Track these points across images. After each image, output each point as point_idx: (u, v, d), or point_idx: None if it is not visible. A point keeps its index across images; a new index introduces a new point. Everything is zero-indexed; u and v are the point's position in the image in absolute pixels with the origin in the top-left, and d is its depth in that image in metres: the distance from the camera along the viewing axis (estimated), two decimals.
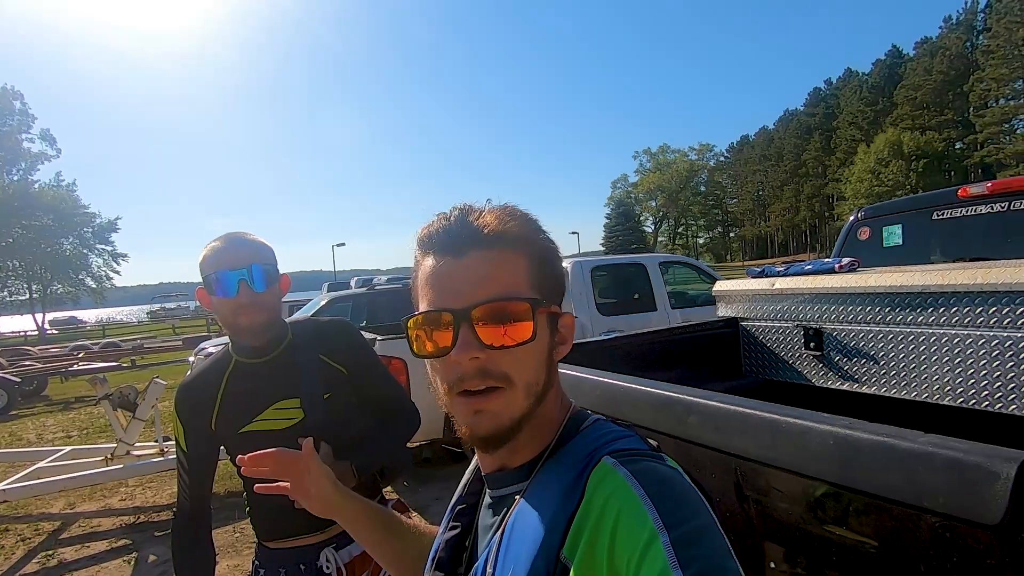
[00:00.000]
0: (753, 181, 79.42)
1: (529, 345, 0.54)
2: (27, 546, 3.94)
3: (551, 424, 0.60)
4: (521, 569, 0.52)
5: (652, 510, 0.46)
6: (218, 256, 1.22)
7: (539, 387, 0.56)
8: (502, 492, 0.61)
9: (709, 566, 0.43)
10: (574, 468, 0.54)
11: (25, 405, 10.11)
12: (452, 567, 0.65)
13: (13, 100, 39.42)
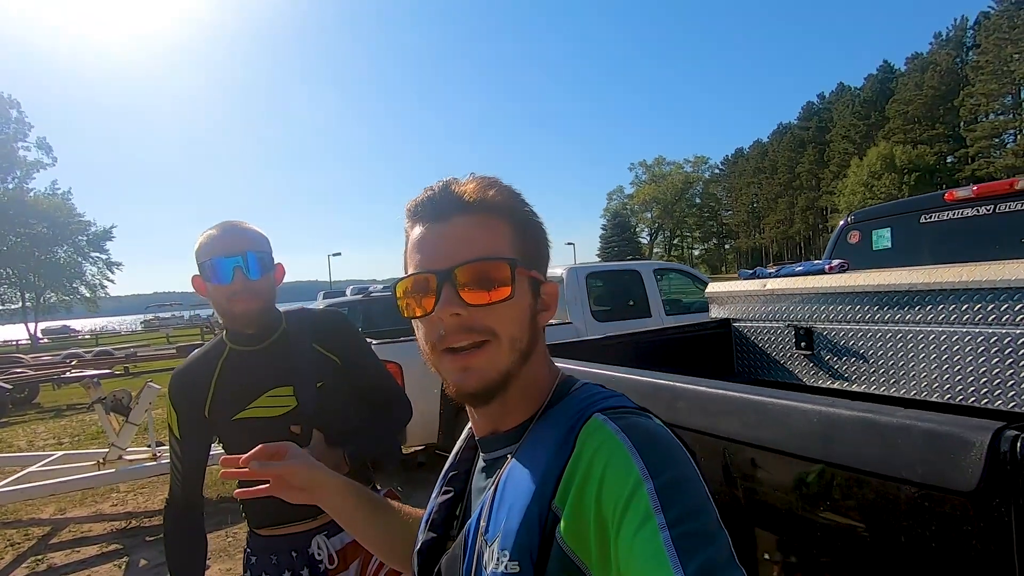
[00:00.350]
0: (748, 193, 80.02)
1: (509, 302, 0.56)
2: (16, 551, 3.90)
3: (540, 387, 0.62)
4: (514, 520, 0.53)
5: (638, 460, 0.48)
6: (214, 243, 1.24)
7: (523, 344, 0.58)
8: (495, 454, 0.63)
9: (690, 510, 0.46)
10: (565, 424, 0.56)
11: (16, 412, 10.04)
12: (445, 529, 0.66)
13: (10, 108, 39.47)
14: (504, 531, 0.54)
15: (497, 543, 0.54)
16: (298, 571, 1.33)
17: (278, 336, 1.35)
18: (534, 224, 0.63)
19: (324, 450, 1.30)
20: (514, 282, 0.56)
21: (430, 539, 0.66)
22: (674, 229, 79.36)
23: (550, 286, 0.63)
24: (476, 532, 0.58)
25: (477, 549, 0.57)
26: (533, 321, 0.60)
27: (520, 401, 0.61)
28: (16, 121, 39.81)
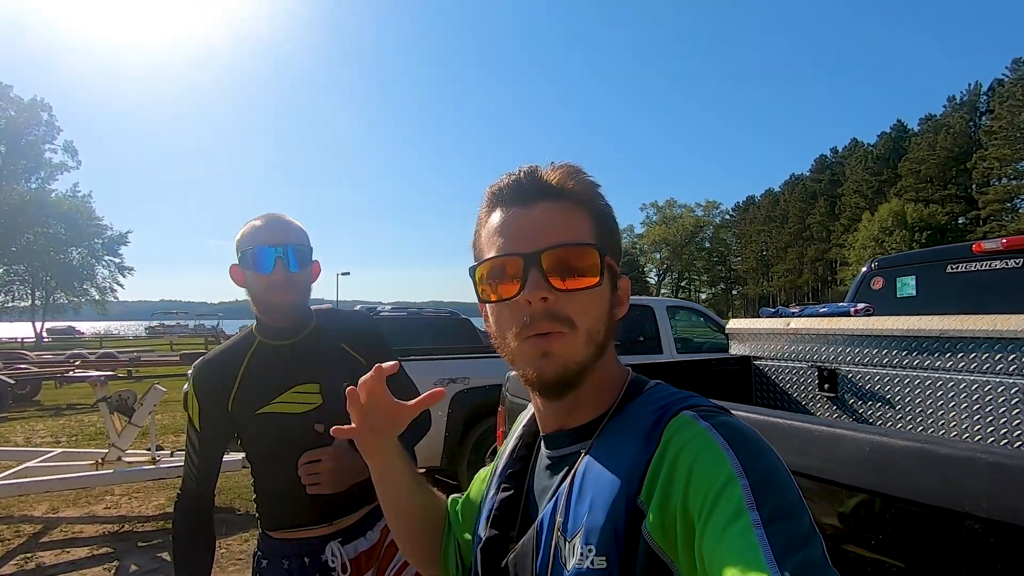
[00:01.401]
0: (757, 241, 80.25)
1: (595, 290, 0.56)
2: (5, 547, 3.82)
3: (612, 383, 0.61)
4: (599, 514, 0.52)
5: (732, 456, 0.47)
6: (257, 233, 1.25)
7: (600, 336, 0.57)
8: (564, 451, 0.61)
9: (785, 508, 0.44)
10: (648, 419, 0.55)
11: (16, 408, 9.97)
12: (506, 526, 0.64)
13: (41, 111, 40.63)
14: (587, 526, 0.52)
15: (579, 538, 0.52)
16: None
17: (308, 333, 1.35)
18: (611, 217, 0.62)
19: (347, 452, 1.27)
20: (603, 270, 0.56)
21: (493, 535, 0.64)
22: (682, 271, 79.42)
23: (624, 280, 0.62)
24: (551, 527, 0.56)
25: (554, 544, 0.55)
26: (611, 314, 0.60)
27: (591, 396, 0.60)
28: (46, 124, 40.98)
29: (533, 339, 0.55)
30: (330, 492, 1.25)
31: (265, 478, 1.35)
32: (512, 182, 0.59)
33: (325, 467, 1.24)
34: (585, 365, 0.56)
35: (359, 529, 1.36)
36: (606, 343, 0.59)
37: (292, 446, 1.27)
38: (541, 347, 0.55)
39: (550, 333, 0.55)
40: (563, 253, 0.55)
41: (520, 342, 0.56)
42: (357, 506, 1.36)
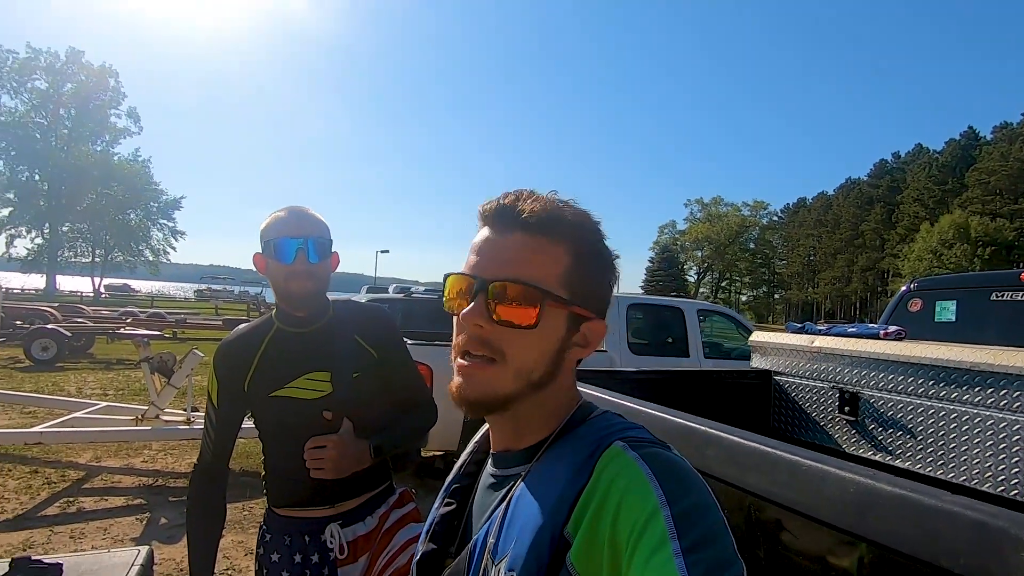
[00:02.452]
0: (805, 245, 77.44)
1: (531, 331, 0.56)
2: (51, 490, 4.11)
3: (556, 412, 0.61)
4: (525, 542, 0.53)
5: (657, 487, 0.48)
6: (281, 224, 1.30)
7: (535, 375, 0.58)
8: (507, 472, 0.62)
9: (706, 537, 0.45)
10: (584, 450, 0.56)
11: (71, 359, 10.63)
12: (445, 541, 0.66)
13: (109, 77, 42.53)
14: (513, 553, 0.53)
15: (505, 563, 0.54)
16: (309, 555, 1.36)
17: (324, 323, 1.40)
18: (596, 259, 0.61)
19: (352, 440, 1.32)
20: (541, 313, 0.56)
21: (430, 550, 0.66)
22: (724, 271, 77.42)
23: (596, 324, 0.61)
24: (483, 549, 0.58)
25: (483, 567, 0.57)
26: (559, 355, 0.59)
27: (533, 423, 0.61)
28: (112, 90, 42.94)
29: (465, 357, 0.58)
30: (332, 477, 1.30)
31: (273, 457, 1.41)
32: (496, 207, 0.59)
33: (329, 453, 1.29)
34: (509, 398, 0.57)
35: (359, 514, 1.41)
36: (547, 381, 0.59)
37: (300, 430, 1.32)
38: (467, 369, 0.57)
39: (479, 357, 0.57)
40: (510, 288, 0.56)
41: (456, 356, 0.59)
42: (358, 492, 1.41)
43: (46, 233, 40.73)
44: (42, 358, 9.80)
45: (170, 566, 3.07)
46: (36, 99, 40.29)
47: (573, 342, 0.60)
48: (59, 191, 39.58)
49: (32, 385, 7.68)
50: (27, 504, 3.83)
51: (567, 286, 0.58)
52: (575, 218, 0.59)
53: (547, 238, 0.58)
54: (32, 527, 3.50)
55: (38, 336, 9.99)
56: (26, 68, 39.67)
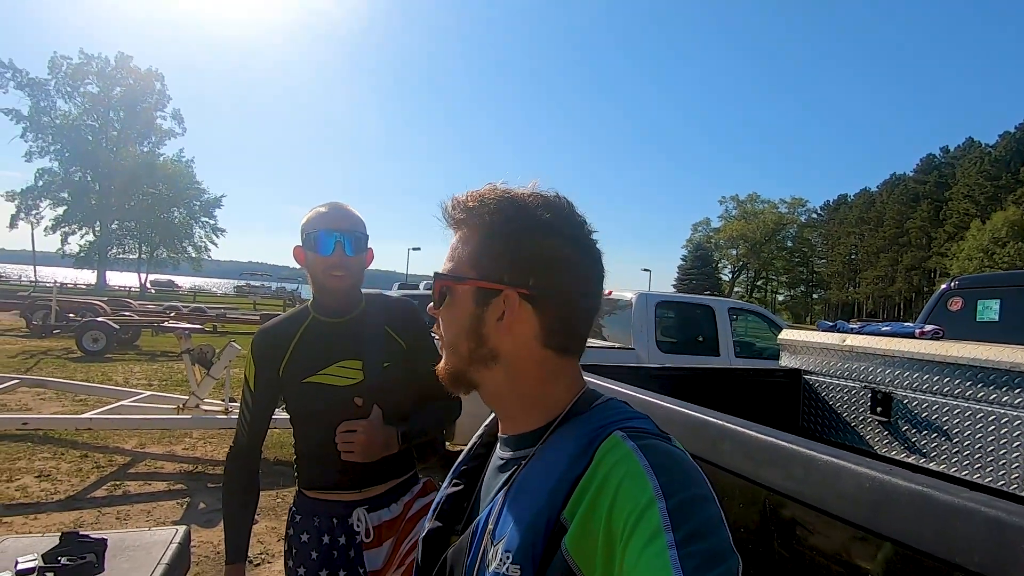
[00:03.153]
0: (846, 243, 74.91)
1: (446, 310, 0.64)
2: (100, 473, 4.34)
3: (534, 395, 0.62)
4: (522, 524, 0.55)
5: (653, 479, 0.49)
6: (321, 218, 1.36)
7: (462, 349, 0.63)
8: (512, 455, 0.64)
9: (701, 530, 0.45)
10: (585, 437, 0.57)
11: (119, 350, 11.14)
12: (451, 520, 0.69)
13: (155, 81, 44.21)
14: (510, 534, 0.55)
15: (502, 544, 0.55)
16: (336, 537, 1.41)
17: (357, 314, 1.45)
18: (503, 231, 0.61)
19: (380, 426, 1.37)
20: (443, 295, 0.64)
21: (435, 527, 0.69)
22: (759, 270, 75.53)
23: (510, 293, 0.59)
24: (484, 530, 0.60)
25: (483, 547, 0.59)
26: (474, 329, 0.61)
27: (520, 407, 0.63)
28: (158, 93, 44.58)
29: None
30: (361, 461, 1.35)
31: (304, 441, 1.47)
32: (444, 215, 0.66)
33: (359, 438, 1.34)
34: (456, 371, 0.65)
35: (385, 500, 1.46)
36: (483, 356, 0.62)
37: (331, 415, 1.37)
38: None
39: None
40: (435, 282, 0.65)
41: None
42: (384, 478, 1.46)
43: (97, 230, 42.66)
44: (92, 349, 10.30)
45: (208, 548, 3.21)
46: (88, 103, 42.19)
47: (489, 316, 0.60)
48: (109, 190, 41.41)
49: (83, 374, 8.08)
50: (78, 486, 4.05)
51: (474, 265, 0.62)
52: (490, 200, 0.61)
53: (466, 228, 0.63)
54: (82, 508, 3.70)
55: (89, 328, 10.51)
56: (79, 73, 41.58)
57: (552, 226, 0.60)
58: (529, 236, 0.60)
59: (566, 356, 0.63)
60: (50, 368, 8.55)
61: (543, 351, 0.61)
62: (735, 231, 71.10)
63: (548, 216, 0.60)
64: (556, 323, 0.61)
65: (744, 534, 1.06)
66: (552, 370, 0.62)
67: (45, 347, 10.97)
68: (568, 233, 0.61)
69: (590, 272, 0.63)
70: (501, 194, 0.62)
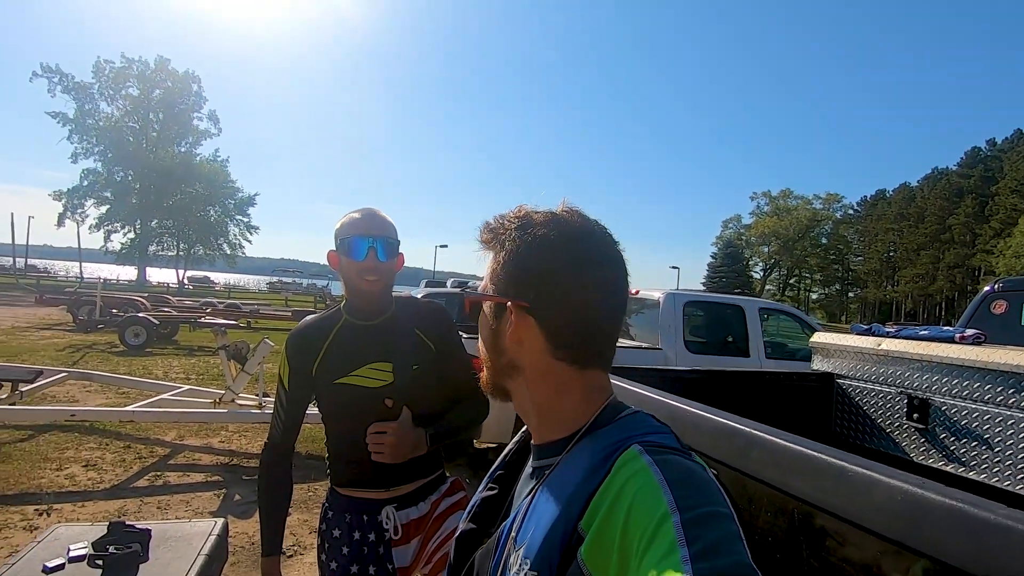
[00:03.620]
0: (884, 240, 72.48)
1: (479, 325, 0.69)
2: (142, 464, 4.52)
3: (554, 406, 0.64)
4: (540, 533, 0.56)
5: (668, 494, 0.49)
6: (355, 224, 1.40)
7: (492, 364, 0.68)
8: (541, 463, 0.66)
9: (716, 545, 0.45)
10: (604, 450, 0.58)
11: (158, 345, 11.55)
12: (484, 523, 0.71)
13: (192, 83, 45.49)
14: (530, 541, 0.57)
15: (523, 551, 0.57)
16: (366, 534, 1.45)
17: (387, 317, 1.49)
18: (513, 250, 0.64)
19: (410, 427, 1.41)
20: (473, 311, 0.69)
21: (469, 529, 0.71)
22: (792, 268, 73.69)
23: (514, 307, 0.63)
24: (508, 535, 0.62)
25: (506, 551, 0.61)
26: (495, 343, 0.67)
27: (544, 418, 0.65)
28: (195, 95, 45.86)
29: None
30: (390, 462, 1.38)
31: (336, 440, 1.51)
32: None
33: (389, 439, 1.37)
34: (492, 382, 0.69)
35: (413, 499, 1.49)
36: (505, 368, 0.67)
37: (362, 416, 1.41)
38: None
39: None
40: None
41: None
42: (412, 478, 1.49)
43: (137, 228, 44.22)
44: (134, 343, 10.71)
45: (243, 539, 3.31)
46: (129, 105, 43.67)
47: (503, 330, 0.65)
48: (148, 190, 42.82)
49: (126, 368, 8.41)
50: (121, 476, 4.23)
51: (494, 283, 0.66)
52: (508, 221, 0.66)
53: (492, 250, 0.67)
54: (126, 497, 3.87)
55: (131, 324, 10.93)
56: (121, 76, 43.07)
57: (555, 243, 0.62)
58: (531, 252, 0.63)
59: (583, 368, 0.64)
60: (95, 361, 8.92)
61: (555, 363, 0.63)
62: (767, 228, 69.53)
63: (553, 234, 0.63)
64: (563, 336, 0.62)
65: (772, 544, 1.05)
66: (564, 381, 0.63)
67: (91, 341, 11.44)
68: (572, 248, 0.63)
69: (599, 286, 0.63)
70: (517, 215, 0.66)
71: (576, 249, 0.63)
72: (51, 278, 38.04)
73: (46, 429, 5.10)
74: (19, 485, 3.91)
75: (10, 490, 3.82)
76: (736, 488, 1.12)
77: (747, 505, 1.10)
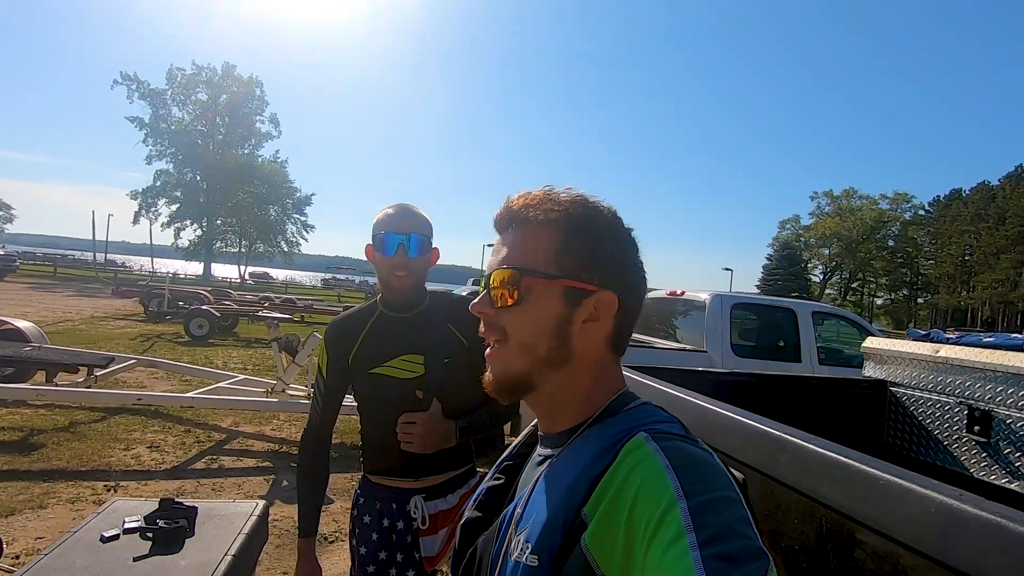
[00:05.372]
0: (959, 243, 67.73)
1: (518, 308, 0.61)
2: (200, 448, 4.79)
3: (586, 397, 0.63)
4: (541, 518, 0.57)
5: (675, 480, 0.49)
6: (388, 220, 1.44)
7: (540, 350, 0.61)
8: (547, 452, 0.66)
9: (724, 530, 0.45)
10: (611, 438, 0.58)
11: (219, 336, 12.18)
12: (490, 510, 0.72)
13: (255, 87, 47.67)
14: (532, 525, 0.57)
15: (524, 534, 0.58)
16: (395, 521, 1.49)
17: (422, 310, 1.52)
18: (587, 232, 0.62)
19: (440, 419, 1.43)
20: (523, 290, 0.60)
21: (474, 516, 0.72)
22: (855, 271, 69.95)
23: (604, 295, 0.61)
24: (511, 519, 0.62)
25: (508, 535, 0.61)
26: (561, 330, 0.61)
27: (565, 407, 0.64)
28: (257, 99, 48.03)
29: (487, 348, 0.65)
30: (418, 452, 1.41)
31: (369, 428, 1.56)
32: (497, 214, 0.66)
33: (418, 429, 1.41)
34: (523, 374, 0.62)
35: (441, 490, 1.52)
36: (558, 357, 0.61)
37: (394, 406, 1.45)
38: (488, 354, 0.65)
39: (492, 343, 0.64)
40: (497, 275, 0.62)
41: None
42: (442, 469, 1.52)
43: (204, 226, 46.79)
44: (197, 334, 11.34)
45: (289, 523, 3.46)
46: (198, 109, 46.27)
47: (579, 317, 0.61)
48: (214, 189, 45.22)
49: (189, 357, 8.92)
50: (181, 458, 4.50)
51: (557, 263, 0.61)
52: (565, 200, 0.63)
53: (536, 224, 0.62)
54: (184, 478, 4.11)
55: (195, 316, 11.58)
56: (191, 82, 45.68)
57: (624, 231, 0.65)
58: (610, 239, 0.63)
59: (618, 357, 0.66)
60: (162, 350, 9.51)
61: (608, 353, 0.65)
62: (828, 229, 66.26)
63: (617, 221, 0.64)
64: (626, 326, 0.65)
65: (800, 551, 1.01)
66: (605, 370, 0.65)
67: (159, 331, 12.20)
68: (630, 235, 0.65)
69: (645, 278, 0.66)
70: (574, 196, 0.64)
71: (631, 237, 0.66)
72: (127, 272, 40.76)
73: (116, 412, 5.48)
74: (91, 462, 4.22)
75: (84, 466, 4.13)
76: (764, 493, 1.08)
77: (775, 511, 1.06)
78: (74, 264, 40.40)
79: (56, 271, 32.80)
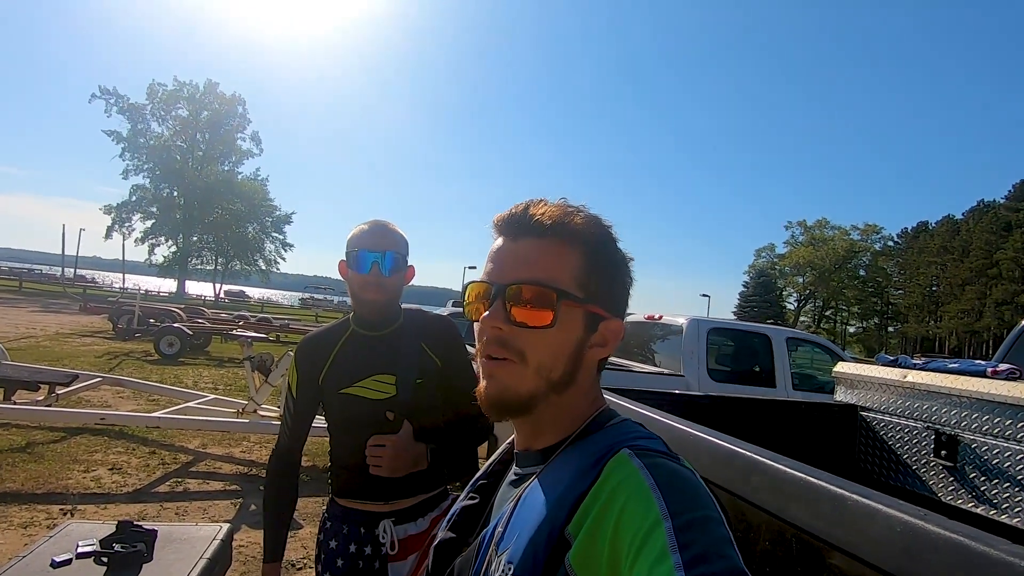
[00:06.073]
0: (927, 274, 69.91)
1: (548, 331, 0.58)
2: (165, 470, 4.62)
3: (575, 416, 0.63)
4: (525, 537, 0.55)
5: (660, 499, 0.48)
6: (362, 237, 1.42)
7: (555, 374, 0.59)
8: (525, 470, 0.65)
9: (708, 551, 0.44)
10: (593, 456, 0.57)
11: (191, 355, 11.87)
12: (464, 531, 0.70)
13: (237, 105, 47.54)
14: (514, 546, 0.56)
15: (506, 555, 0.56)
16: (363, 547, 1.44)
17: (394, 329, 1.50)
18: (610, 259, 0.62)
19: (410, 442, 1.39)
20: (557, 312, 0.57)
21: (448, 538, 0.70)
22: (828, 300, 71.52)
23: (614, 323, 0.62)
24: (491, 540, 0.61)
25: (488, 557, 0.60)
26: (577, 354, 0.60)
27: (552, 425, 0.63)
28: (240, 116, 47.86)
29: (486, 360, 0.60)
30: (387, 475, 1.37)
31: (338, 449, 1.52)
32: (509, 215, 0.62)
33: (387, 452, 1.36)
34: (531, 397, 0.59)
35: (412, 514, 1.48)
36: (567, 380, 0.60)
37: (364, 427, 1.41)
38: (490, 369, 0.60)
39: (500, 359, 0.59)
40: (525, 289, 0.58)
41: (480, 358, 0.61)
42: (412, 492, 1.48)
43: (179, 242, 45.97)
44: (168, 352, 11.04)
45: (255, 549, 3.34)
46: (178, 125, 45.88)
47: (591, 342, 0.61)
48: (192, 206, 44.60)
49: (158, 376, 8.65)
50: (144, 480, 4.33)
51: (582, 286, 0.59)
52: (586, 221, 0.61)
53: (559, 240, 0.59)
54: (147, 502, 3.95)
55: (166, 333, 11.29)
56: (172, 98, 45.35)
57: (627, 259, 0.65)
58: (624, 266, 0.64)
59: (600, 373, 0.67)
60: (130, 369, 9.22)
61: (597, 374, 0.66)
62: (801, 258, 67.81)
63: (618, 243, 0.64)
64: (615, 350, 0.65)
65: (770, 572, 1.01)
66: (592, 388, 0.65)
67: (128, 349, 11.84)
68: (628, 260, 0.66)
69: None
70: (593, 216, 0.63)
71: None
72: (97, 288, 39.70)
73: (78, 432, 5.26)
74: (47, 484, 4.03)
75: (39, 489, 3.95)
76: (735, 513, 1.08)
77: (746, 531, 1.06)
78: (41, 279, 39.19)
79: (22, 285, 31.85)
